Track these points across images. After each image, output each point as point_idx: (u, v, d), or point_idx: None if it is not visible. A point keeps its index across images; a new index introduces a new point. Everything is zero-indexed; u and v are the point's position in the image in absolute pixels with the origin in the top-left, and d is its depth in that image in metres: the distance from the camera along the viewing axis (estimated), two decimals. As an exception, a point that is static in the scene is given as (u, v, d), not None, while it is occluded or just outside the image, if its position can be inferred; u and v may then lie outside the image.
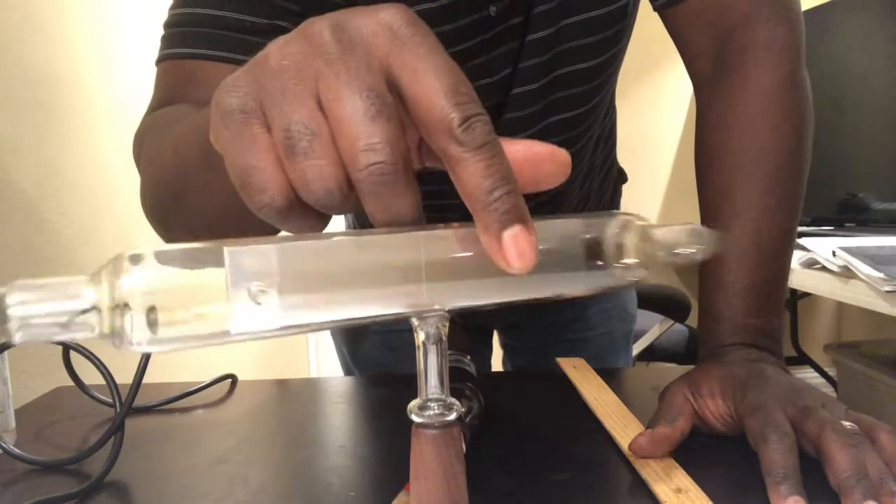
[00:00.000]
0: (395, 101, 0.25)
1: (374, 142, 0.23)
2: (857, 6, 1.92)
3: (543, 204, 0.69)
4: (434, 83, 0.24)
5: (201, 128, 0.28)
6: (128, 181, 0.43)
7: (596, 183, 0.78)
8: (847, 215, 1.85)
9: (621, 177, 0.86)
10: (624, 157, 0.85)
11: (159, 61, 0.53)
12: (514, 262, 0.24)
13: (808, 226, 1.82)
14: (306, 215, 0.26)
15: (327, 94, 0.24)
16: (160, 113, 0.50)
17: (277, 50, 0.25)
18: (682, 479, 0.43)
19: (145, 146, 0.49)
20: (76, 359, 0.55)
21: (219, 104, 0.26)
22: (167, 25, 0.53)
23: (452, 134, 0.24)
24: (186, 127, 0.40)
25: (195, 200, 0.40)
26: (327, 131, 0.24)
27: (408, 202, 0.25)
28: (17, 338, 0.22)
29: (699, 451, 0.47)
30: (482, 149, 0.24)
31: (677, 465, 0.45)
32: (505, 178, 0.24)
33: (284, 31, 0.26)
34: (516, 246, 0.24)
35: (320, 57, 0.24)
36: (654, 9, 0.61)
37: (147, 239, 0.36)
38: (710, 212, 0.58)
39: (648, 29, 0.71)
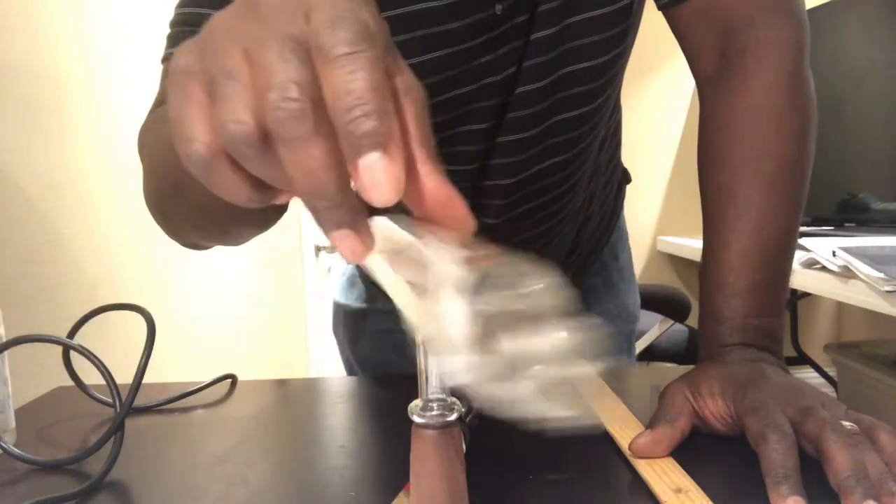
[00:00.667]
0: None
1: (283, 80, 0.23)
2: (857, 6, 1.92)
3: (548, 204, 0.69)
4: (326, 15, 0.23)
5: None
6: (127, 180, 0.43)
7: (601, 183, 0.78)
8: (847, 215, 1.85)
9: (625, 177, 0.86)
10: (625, 157, 0.85)
11: (164, 59, 0.54)
12: (369, 194, 0.22)
13: (808, 226, 1.82)
14: (236, 174, 0.25)
15: (252, 44, 0.24)
16: (162, 109, 0.51)
17: (218, 15, 0.26)
18: (682, 479, 0.43)
19: (146, 142, 0.49)
20: (76, 359, 0.55)
21: (169, 71, 0.26)
22: (172, 24, 0.53)
23: (317, 43, 0.23)
24: None
25: (193, 194, 0.41)
26: (247, 76, 0.24)
27: (319, 152, 0.23)
28: None
29: (699, 451, 0.47)
30: (341, 59, 0.22)
31: (677, 465, 0.45)
32: (363, 95, 0.22)
33: None
34: (370, 176, 0.22)
35: (251, 16, 0.25)
36: (658, 8, 0.61)
37: (147, 237, 0.36)
38: (712, 211, 0.58)
39: (649, 29, 0.71)
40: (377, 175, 0.22)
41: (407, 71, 0.25)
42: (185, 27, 0.52)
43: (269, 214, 0.45)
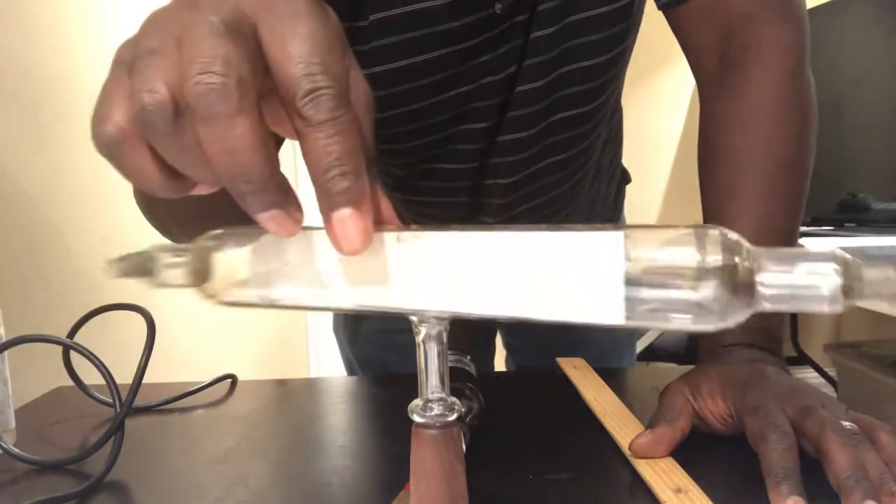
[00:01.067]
0: (258, 56, 0.24)
1: (208, 54, 0.22)
2: (857, 7, 1.92)
3: (548, 204, 0.69)
4: (290, 49, 0.23)
5: None
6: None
7: (604, 184, 0.78)
8: (847, 215, 1.85)
9: (625, 178, 0.86)
10: (624, 157, 0.85)
11: None
12: (340, 244, 0.24)
13: (808, 226, 1.82)
14: (146, 157, 0.24)
15: (183, 30, 0.24)
16: None
17: (158, 9, 0.26)
18: (682, 479, 0.43)
19: None
20: (76, 359, 0.55)
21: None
22: None
23: (296, 106, 0.23)
24: None
25: None
26: (172, 53, 0.23)
27: (241, 131, 0.22)
28: None
29: (699, 451, 0.47)
30: (323, 125, 0.23)
31: (677, 465, 0.45)
32: (341, 158, 0.23)
33: None
34: (342, 229, 0.24)
35: (187, 5, 0.24)
36: (659, 7, 0.61)
37: (147, 237, 0.36)
38: (713, 211, 0.58)
39: (648, 29, 0.71)
40: (348, 228, 0.24)
41: (355, 67, 0.26)
42: None
43: None
